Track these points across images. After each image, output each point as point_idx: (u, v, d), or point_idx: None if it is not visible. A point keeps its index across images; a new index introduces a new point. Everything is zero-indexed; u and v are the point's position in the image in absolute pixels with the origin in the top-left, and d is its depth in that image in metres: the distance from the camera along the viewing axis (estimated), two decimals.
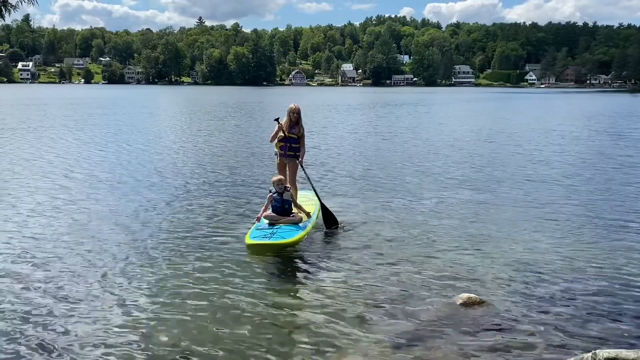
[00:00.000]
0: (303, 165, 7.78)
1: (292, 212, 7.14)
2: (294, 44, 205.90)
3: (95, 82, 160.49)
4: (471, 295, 5.10)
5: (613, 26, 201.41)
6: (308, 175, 7.98)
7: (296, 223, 6.95)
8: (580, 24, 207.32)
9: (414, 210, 8.65)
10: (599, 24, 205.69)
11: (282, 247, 6.43)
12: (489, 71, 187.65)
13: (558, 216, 8.30)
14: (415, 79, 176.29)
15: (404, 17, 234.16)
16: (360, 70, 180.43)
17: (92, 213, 8.29)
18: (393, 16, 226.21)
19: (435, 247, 6.76)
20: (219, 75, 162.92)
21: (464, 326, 4.60)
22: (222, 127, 24.61)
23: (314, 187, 8.01)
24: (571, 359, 3.78)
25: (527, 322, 4.68)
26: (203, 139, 19.40)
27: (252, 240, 6.43)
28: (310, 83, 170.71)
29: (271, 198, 7.10)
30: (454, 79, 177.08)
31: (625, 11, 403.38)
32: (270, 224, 6.91)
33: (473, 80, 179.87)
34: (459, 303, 5.00)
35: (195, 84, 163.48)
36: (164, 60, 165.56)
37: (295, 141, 7.68)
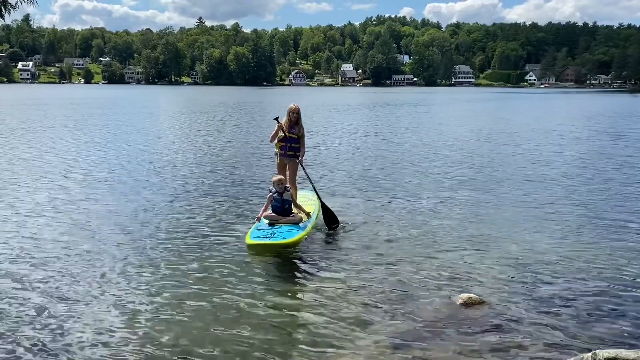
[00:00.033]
0: (303, 164, 7.78)
1: (292, 212, 7.14)
2: (294, 44, 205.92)
3: (95, 82, 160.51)
4: (471, 295, 5.10)
5: (613, 26, 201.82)
6: (308, 174, 7.98)
7: (296, 223, 6.94)
8: (580, 24, 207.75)
9: (414, 211, 8.64)
10: (599, 24, 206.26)
11: (282, 247, 6.42)
12: (489, 71, 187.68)
13: (558, 216, 8.30)
14: (415, 79, 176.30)
15: (404, 17, 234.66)
16: (360, 71, 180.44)
17: (91, 213, 8.29)
18: (393, 16, 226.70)
19: (435, 247, 6.76)
20: (219, 75, 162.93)
21: (464, 326, 4.59)
22: (221, 127, 24.61)
23: (314, 186, 8.01)
24: (571, 359, 3.78)
25: (527, 322, 4.68)
26: (202, 139, 19.39)
27: (253, 240, 6.42)
28: (310, 83, 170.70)
29: (271, 198, 7.10)
30: (454, 79, 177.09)
31: (625, 11, 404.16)
32: (270, 224, 6.90)
33: (473, 80, 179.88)
34: (459, 303, 5.00)
35: (195, 84, 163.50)
36: (164, 60, 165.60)
37: (295, 141, 7.68)
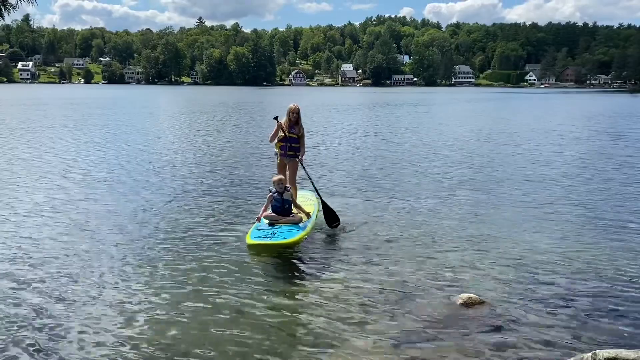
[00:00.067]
0: (303, 163, 7.76)
1: (292, 212, 7.12)
2: (294, 44, 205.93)
3: (95, 82, 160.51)
4: (471, 295, 5.09)
5: (613, 26, 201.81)
6: (308, 173, 7.96)
7: (296, 223, 6.93)
8: (580, 24, 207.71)
9: (414, 211, 8.63)
10: (599, 24, 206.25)
11: (282, 247, 6.41)
12: (489, 71, 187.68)
13: (558, 216, 8.29)
14: (415, 79, 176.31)
15: (404, 17, 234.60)
16: (360, 71, 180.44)
17: (90, 213, 8.27)
18: (393, 16, 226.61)
19: (435, 247, 6.75)
20: (219, 75, 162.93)
21: (464, 326, 4.58)
22: (221, 127, 24.60)
23: (314, 185, 7.99)
24: (571, 359, 3.77)
25: (527, 322, 4.67)
26: (202, 139, 19.39)
27: (253, 240, 6.41)
28: (310, 83, 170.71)
29: (271, 198, 7.09)
30: (454, 79, 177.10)
31: (625, 11, 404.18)
32: (270, 224, 6.89)
33: (473, 80, 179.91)
34: (459, 303, 4.99)
35: (195, 84, 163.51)
36: (164, 60, 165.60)
37: (295, 141, 7.67)
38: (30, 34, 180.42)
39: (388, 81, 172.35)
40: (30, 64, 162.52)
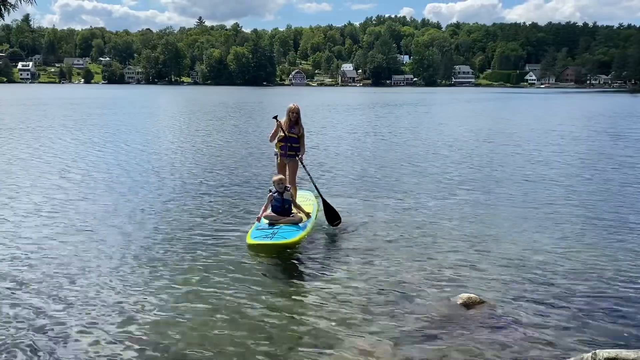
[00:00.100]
0: (303, 162, 7.76)
1: (292, 212, 7.13)
2: (294, 44, 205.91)
3: (95, 82, 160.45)
4: (471, 295, 5.09)
5: (613, 26, 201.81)
6: (309, 172, 7.96)
7: (296, 223, 6.93)
8: (580, 24, 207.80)
9: (414, 211, 8.63)
10: (599, 24, 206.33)
11: (283, 247, 6.41)
12: (489, 71, 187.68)
13: (558, 216, 8.29)
14: (415, 79, 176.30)
15: (404, 17, 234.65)
16: (360, 71, 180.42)
17: (89, 213, 8.26)
18: (393, 16, 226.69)
19: (435, 247, 6.75)
20: (219, 75, 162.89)
21: (464, 326, 4.58)
22: (221, 127, 24.60)
23: (315, 184, 7.99)
24: (571, 359, 3.77)
25: (527, 322, 4.67)
26: (202, 139, 19.38)
27: (254, 240, 6.41)
28: (310, 83, 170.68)
29: (271, 197, 7.10)
30: (454, 79, 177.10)
31: (625, 11, 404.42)
32: (270, 224, 6.90)
33: (473, 80, 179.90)
34: (459, 303, 4.99)
35: (195, 84, 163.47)
36: (164, 60, 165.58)
37: (295, 141, 7.68)
38: (30, 34, 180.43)
39: (388, 81, 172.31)
40: (30, 64, 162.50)
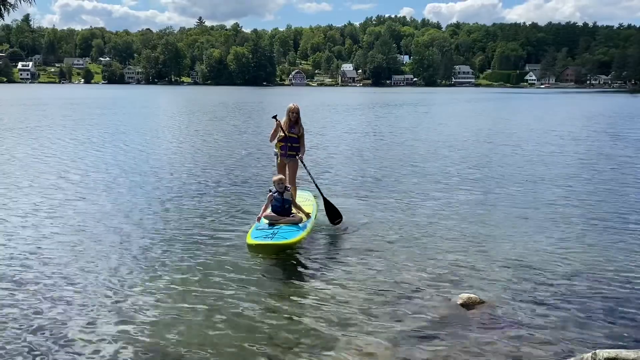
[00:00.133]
0: (303, 160, 7.76)
1: (291, 212, 7.13)
2: (294, 44, 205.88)
3: (95, 82, 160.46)
4: (471, 295, 5.09)
5: (613, 26, 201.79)
6: (309, 171, 7.95)
7: (296, 223, 6.93)
8: (580, 24, 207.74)
9: (413, 211, 8.63)
10: (599, 24, 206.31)
11: (283, 247, 6.41)
12: (489, 71, 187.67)
13: (558, 217, 8.29)
14: (415, 79, 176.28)
15: (404, 17, 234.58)
16: (360, 71, 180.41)
17: (87, 214, 8.25)
18: (393, 16, 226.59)
19: (435, 247, 6.75)
20: (219, 75, 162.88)
21: (464, 326, 4.59)
22: (221, 127, 24.59)
23: (315, 183, 8.00)
24: (571, 359, 3.78)
25: (527, 323, 4.67)
26: (202, 139, 19.39)
27: (254, 241, 6.40)
28: (310, 83, 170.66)
29: (271, 197, 7.10)
30: (453, 79, 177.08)
31: (625, 11, 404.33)
32: (270, 224, 6.90)
33: (473, 80, 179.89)
34: (459, 303, 4.99)
35: (195, 84, 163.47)
36: (164, 60, 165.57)
37: (295, 141, 7.68)
38: (30, 34, 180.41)
39: (388, 81, 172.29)
40: (30, 64, 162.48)
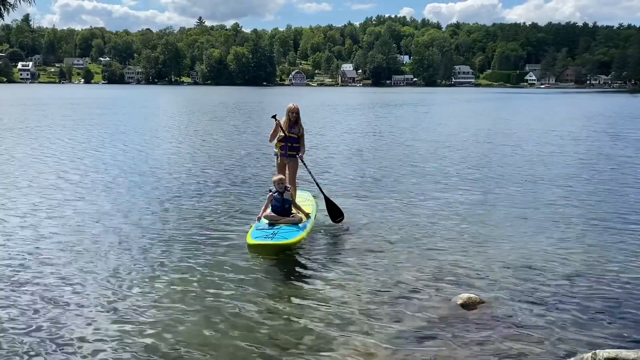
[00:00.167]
0: (304, 159, 7.76)
1: (291, 212, 7.13)
2: (294, 44, 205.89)
3: (95, 82, 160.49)
4: (471, 295, 5.09)
5: (613, 26, 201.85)
6: (309, 170, 7.95)
7: (296, 223, 6.93)
8: (580, 24, 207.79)
9: (413, 211, 8.63)
10: (599, 24, 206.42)
11: (283, 247, 6.41)
12: (489, 71, 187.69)
13: (558, 217, 8.29)
14: (415, 79, 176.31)
15: (404, 17, 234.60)
16: (360, 71, 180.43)
17: (86, 214, 8.24)
18: (393, 16, 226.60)
19: (435, 247, 6.75)
20: (218, 75, 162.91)
21: (464, 326, 4.58)
22: (221, 127, 24.59)
23: (316, 181, 8.00)
24: (571, 359, 3.78)
25: (527, 323, 4.67)
26: (202, 139, 19.39)
27: (254, 241, 6.40)
28: (310, 83, 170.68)
29: (271, 197, 7.10)
30: (453, 79, 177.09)
31: (625, 11, 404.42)
32: (270, 224, 6.90)
33: (473, 80, 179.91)
34: (459, 303, 4.99)
35: (195, 84, 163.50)
36: (164, 60, 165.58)
37: (295, 141, 7.69)
38: (30, 34, 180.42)
39: (388, 81, 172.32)
40: (30, 64, 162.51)
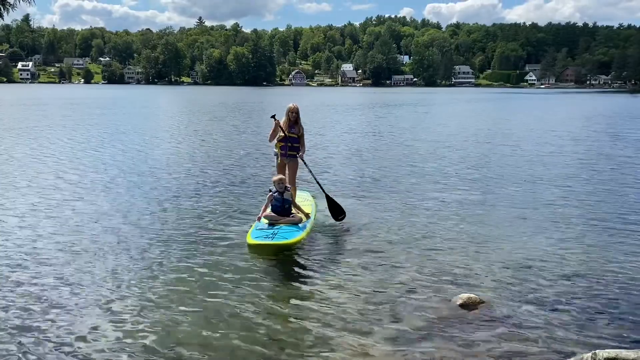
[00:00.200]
0: (304, 159, 7.76)
1: (291, 212, 7.13)
2: (293, 44, 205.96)
3: (95, 82, 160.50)
4: (471, 295, 5.09)
5: (613, 27, 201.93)
6: (310, 169, 7.95)
7: (296, 223, 6.93)
8: (580, 24, 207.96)
9: (413, 211, 8.63)
10: (598, 24, 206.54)
11: (283, 248, 6.41)
12: (489, 71, 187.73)
13: (558, 217, 8.29)
14: (415, 79, 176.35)
15: (404, 17, 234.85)
16: (360, 71, 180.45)
17: (85, 214, 8.23)
18: (393, 16, 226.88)
19: (434, 247, 6.75)
20: (218, 75, 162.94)
21: (464, 326, 4.58)
22: (220, 127, 24.59)
23: (317, 180, 8.00)
24: (571, 359, 3.78)
25: (526, 323, 4.67)
26: (201, 139, 19.38)
27: (254, 241, 6.39)
28: (310, 83, 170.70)
29: (271, 197, 7.10)
30: (453, 80, 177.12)
31: (625, 12, 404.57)
32: (270, 224, 6.90)
33: (473, 80, 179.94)
34: (458, 303, 4.99)
35: (195, 84, 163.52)
36: (164, 61, 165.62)
37: (295, 141, 7.68)
38: (30, 34, 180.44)
39: (388, 81, 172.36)
40: (30, 64, 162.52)
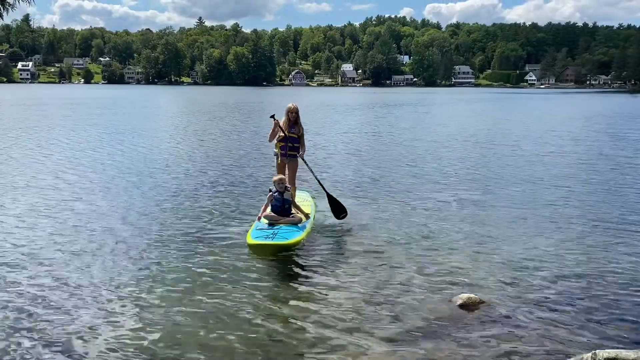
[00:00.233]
0: (304, 158, 7.76)
1: (291, 212, 7.13)
2: (293, 44, 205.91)
3: (95, 82, 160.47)
4: (471, 295, 5.09)
5: (613, 27, 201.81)
6: (311, 168, 7.95)
7: (296, 224, 6.93)
8: (580, 24, 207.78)
9: (413, 211, 8.63)
10: (598, 24, 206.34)
11: (283, 248, 6.40)
12: (489, 71, 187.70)
13: (558, 217, 8.29)
14: (415, 79, 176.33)
15: (404, 17, 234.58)
16: (360, 71, 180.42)
17: (84, 214, 8.22)
18: (393, 16, 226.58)
19: (434, 247, 6.75)
20: (218, 75, 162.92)
21: (464, 327, 4.59)
22: (220, 127, 24.58)
23: (318, 179, 8.00)
24: (571, 359, 3.78)
25: (526, 323, 4.67)
26: (201, 139, 19.38)
27: (254, 241, 6.39)
28: (310, 83, 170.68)
29: (271, 197, 7.10)
30: (453, 80, 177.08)
31: (625, 12, 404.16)
32: (270, 224, 6.90)
33: (473, 80, 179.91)
34: (458, 303, 4.99)
35: (195, 84, 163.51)
36: (164, 61, 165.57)
37: (295, 141, 7.68)
38: (30, 34, 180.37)
39: (388, 81, 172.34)
40: (30, 64, 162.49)
